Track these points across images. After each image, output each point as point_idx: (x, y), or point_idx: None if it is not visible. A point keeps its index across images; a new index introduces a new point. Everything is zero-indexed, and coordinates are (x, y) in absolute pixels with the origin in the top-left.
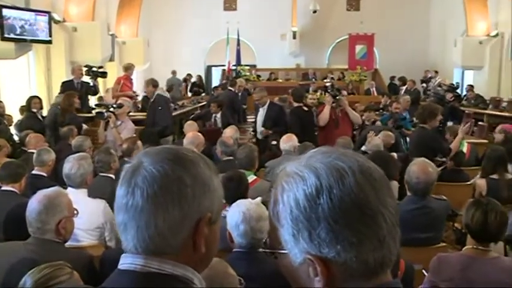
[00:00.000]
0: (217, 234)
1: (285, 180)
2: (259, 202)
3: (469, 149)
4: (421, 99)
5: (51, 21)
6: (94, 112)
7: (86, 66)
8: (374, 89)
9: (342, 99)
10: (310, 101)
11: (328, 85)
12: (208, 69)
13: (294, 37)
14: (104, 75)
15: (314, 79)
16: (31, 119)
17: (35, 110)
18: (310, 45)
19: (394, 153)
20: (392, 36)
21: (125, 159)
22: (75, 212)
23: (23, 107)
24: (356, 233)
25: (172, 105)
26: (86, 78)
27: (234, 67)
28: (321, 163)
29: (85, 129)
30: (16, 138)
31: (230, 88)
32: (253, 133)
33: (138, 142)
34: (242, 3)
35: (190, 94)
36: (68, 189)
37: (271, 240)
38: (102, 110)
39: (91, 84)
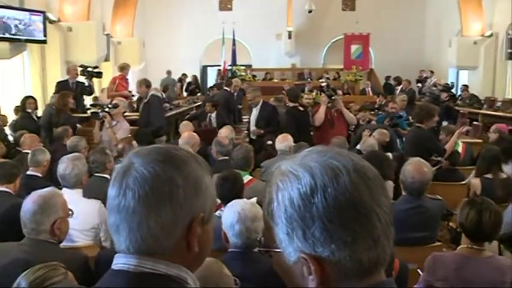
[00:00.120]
0: (211, 234)
1: (279, 179)
2: (254, 202)
3: (464, 149)
4: (416, 99)
5: (46, 21)
6: (89, 112)
7: (81, 66)
8: (369, 88)
9: (338, 100)
10: (306, 101)
11: (324, 85)
12: (204, 69)
13: (289, 37)
14: (99, 75)
15: (309, 79)
16: (26, 119)
17: (29, 110)
18: (305, 45)
19: (389, 153)
20: (388, 36)
21: (120, 159)
22: (70, 212)
23: (17, 107)
24: (350, 232)
25: (168, 105)
26: (81, 78)
27: (229, 67)
28: (316, 162)
29: (80, 129)
30: (11, 138)
31: (226, 88)
32: (247, 132)
33: (134, 142)
34: (237, 3)
35: (185, 94)
36: (62, 189)
37: (266, 239)
38: (97, 110)
39: (86, 84)
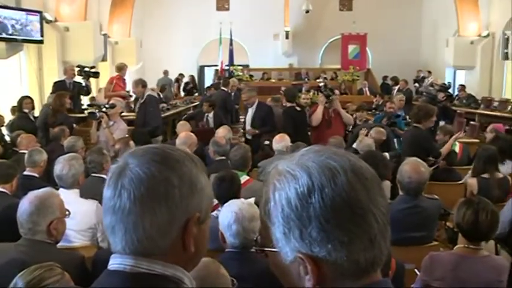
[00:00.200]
0: (207, 233)
1: (276, 179)
2: (251, 202)
3: (461, 149)
4: (413, 98)
5: (43, 21)
6: (86, 112)
7: (78, 66)
8: (367, 88)
9: (336, 101)
10: (303, 100)
11: (322, 85)
12: (201, 69)
13: (286, 37)
14: (96, 75)
15: (307, 79)
16: (23, 119)
17: (26, 110)
18: (303, 45)
19: (386, 153)
20: (385, 36)
21: (118, 159)
22: (67, 212)
23: (14, 108)
24: (347, 233)
25: (165, 105)
26: (78, 79)
27: (226, 67)
28: (313, 162)
29: (77, 130)
30: (7, 138)
31: (223, 88)
32: (243, 132)
33: (131, 142)
34: (235, 3)
35: (183, 94)
36: (59, 190)
37: (263, 239)
38: (94, 110)
39: (83, 84)
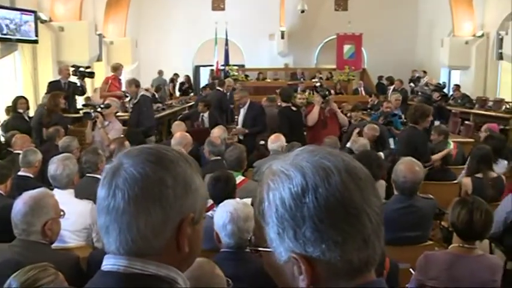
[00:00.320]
0: (201, 234)
1: (271, 179)
2: (246, 202)
3: (456, 148)
4: (409, 98)
5: (38, 21)
6: (81, 112)
7: (73, 66)
8: (362, 88)
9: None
10: (299, 100)
11: (318, 85)
12: (197, 69)
13: (282, 37)
14: (91, 75)
15: (302, 79)
16: (17, 119)
17: (21, 110)
18: (298, 45)
19: (381, 153)
20: (380, 36)
21: (113, 159)
22: (62, 213)
23: (8, 108)
24: (341, 232)
25: (161, 105)
26: (73, 79)
27: (222, 67)
28: (307, 162)
29: (72, 130)
30: (2, 139)
31: (218, 88)
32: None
33: (126, 142)
34: (230, 3)
35: (178, 94)
36: (54, 190)
37: (257, 239)
38: (89, 110)
39: (78, 84)
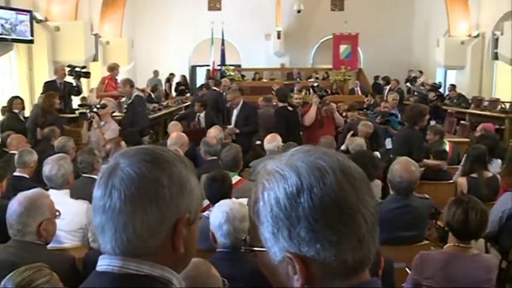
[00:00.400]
0: (196, 234)
1: (265, 179)
2: (242, 202)
3: (451, 148)
4: (405, 98)
5: (33, 21)
6: (77, 112)
7: (69, 66)
8: (358, 88)
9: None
10: (296, 100)
11: (316, 85)
12: (193, 69)
13: (278, 37)
14: (87, 75)
15: (299, 79)
16: (13, 119)
17: (16, 110)
18: (294, 45)
19: (377, 152)
20: (376, 36)
21: (109, 160)
22: (57, 213)
23: (4, 108)
24: (336, 232)
25: (157, 106)
26: (69, 79)
27: (218, 67)
28: (302, 162)
29: (67, 130)
30: None
31: (214, 88)
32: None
33: (122, 143)
34: (226, 3)
35: (175, 94)
36: (49, 190)
37: (251, 238)
38: (85, 110)
39: (74, 84)
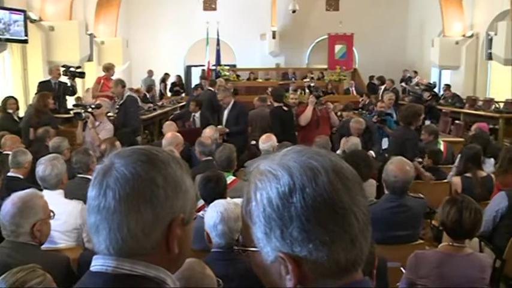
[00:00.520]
0: (191, 235)
1: (258, 179)
2: (237, 202)
3: (445, 148)
4: (400, 98)
5: (27, 20)
6: (72, 113)
7: (64, 66)
8: (353, 88)
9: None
10: (292, 100)
11: (312, 85)
12: (188, 69)
13: (273, 37)
14: (82, 75)
15: (294, 79)
16: (7, 120)
17: (10, 111)
18: (289, 45)
19: (371, 151)
20: (371, 36)
21: (104, 160)
22: (52, 214)
23: None
24: (328, 232)
25: (152, 106)
26: (64, 79)
27: (213, 67)
28: (295, 162)
29: (62, 130)
30: None
31: (209, 88)
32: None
33: (117, 143)
34: (222, 3)
35: (170, 94)
36: (43, 191)
37: (244, 238)
38: (80, 110)
39: (69, 84)
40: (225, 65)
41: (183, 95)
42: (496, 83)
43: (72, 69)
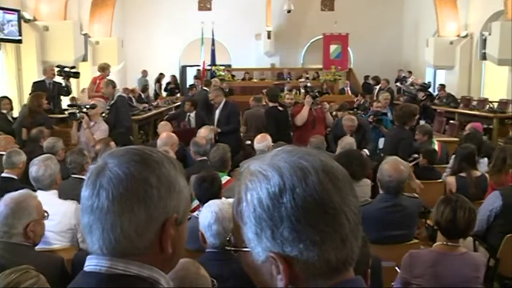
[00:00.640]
0: (185, 235)
1: (248, 179)
2: (232, 202)
3: (440, 147)
4: (395, 98)
5: (21, 20)
6: (66, 113)
7: (58, 66)
8: (348, 88)
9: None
10: (288, 100)
11: (309, 85)
12: (183, 69)
13: (268, 37)
14: (77, 75)
15: (289, 79)
16: (1, 120)
17: (4, 111)
18: (285, 45)
19: (365, 150)
20: (366, 36)
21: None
22: (46, 214)
23: None
24: (318, 232)
25: (147, 106)
26: (59, 79)
27: (208, 67)
28: (285, 162)
29: (57, 130)
30: None
31: (204, 88)
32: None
33: (112, 143)
34: (217, 3)
35: (165, 94)
36: (37, 191)
37: (235, 239)
38: (74, 110)
39: (63, 84)
40: (220, 65)
41: (178, 95)
42: (490, 83)
43: (66, 69)
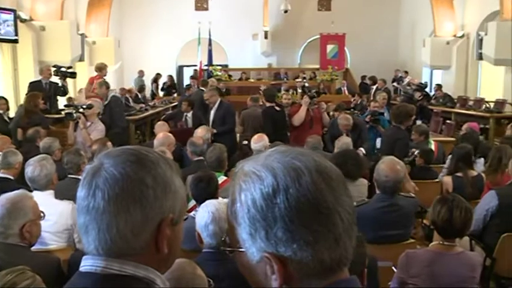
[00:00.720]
0: (180, 235)
1: (242, 180)
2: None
3: (436, 147)
4: (392, 98)
5: (17, 20)
6: (63, 113)
7: (54, 66)
8: (345, 88)
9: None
10: (285, 100)
11: (307, 86)
12: (180, 69)
13: (265, 37)
14: (73, 75)
15: (286, 79)
16: None
17: (1, 111)
18: (281, 45)
19: (362, 149)
20: (363, 36)
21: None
22: (42, 214)
23: None
24: (312, 232)
25: (144, 106)
26: (55, 79)
27: (205, 67)
28: (279, 163)
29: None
30: None
31: (201, 88)
32: None
33: (108, 143)
34: (213, 3)
35: (162, 94)
36: (33, 192)
37: (230, 239)
38: (71, 110)
39: (60, 84)
40: (217, 65)
41: (175, 95)
42: (486, 83)
43: (63, 70)
